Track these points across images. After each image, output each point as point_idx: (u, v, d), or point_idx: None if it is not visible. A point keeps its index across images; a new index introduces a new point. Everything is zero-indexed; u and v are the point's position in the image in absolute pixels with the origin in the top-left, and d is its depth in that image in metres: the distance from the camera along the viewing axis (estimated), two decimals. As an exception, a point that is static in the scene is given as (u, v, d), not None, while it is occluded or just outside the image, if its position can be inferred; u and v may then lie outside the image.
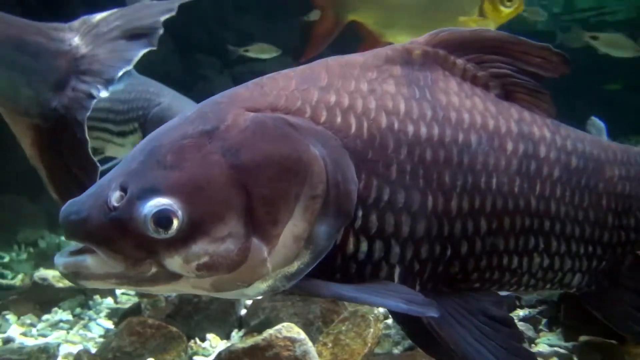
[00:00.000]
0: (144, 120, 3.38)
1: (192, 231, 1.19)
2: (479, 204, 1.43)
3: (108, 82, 2.11)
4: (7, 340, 2.85)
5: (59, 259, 1.22)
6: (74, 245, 1.25)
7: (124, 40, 2.14)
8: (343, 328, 2.10)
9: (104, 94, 2.11)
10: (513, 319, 1.44)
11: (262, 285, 1.25)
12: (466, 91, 1.49)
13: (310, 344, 1.96)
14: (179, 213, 1.18)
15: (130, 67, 2.13)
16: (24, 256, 5.34)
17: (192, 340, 2.54)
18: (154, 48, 2.19)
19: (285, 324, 2.00)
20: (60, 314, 3.20)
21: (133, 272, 1.21)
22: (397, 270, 1.35)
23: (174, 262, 1.20)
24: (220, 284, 1.24)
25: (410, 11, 3.22)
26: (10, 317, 3.16)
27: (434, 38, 1.51)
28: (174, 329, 2.47)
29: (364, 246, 1.32)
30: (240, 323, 2.62)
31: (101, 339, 2.81)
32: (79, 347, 2.66)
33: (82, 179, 2.09)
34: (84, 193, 1.27)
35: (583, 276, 1.67)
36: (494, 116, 1.49)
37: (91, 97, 2.09)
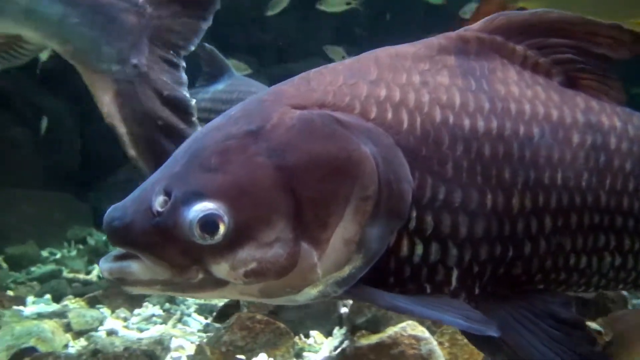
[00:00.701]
0: (212, 104, 3.39)
1: (239, 236, 1.16)
2: (543, 201, 1.34)
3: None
4: (111, 332, 3.00)
5: (104, 264, 1.19)
6: (118, 249, 1.22)
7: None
8: (459, 328, 2.21)
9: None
10: (584, 320, 1.36)
11: (313, 291, 1.22)
12: (527, 80, 1.41)
13: (435, 342, 2.09)
14: (225, 218, 1.15)
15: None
16: (74, 253, 5.49)
17: (297, 337, 2.67)
18: (209, 24, 2.34)
19: (409, 322, 2.13)
20: (151, 309, 3.34)
21: (179, 279, 1.18)
22: (454, 273, 1.29)
23: (220, 269, 1.17)
24: (269, 291, 1.21)
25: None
26: (105, 310, 3.30)
27: (491, 23, 1.43)
28: (282, 324, 2.60)
29: (419, 249, 1.26)
30: (341, 321, 2.74)
31: (201, 333, 2.95)
32: (182, 341, 2.80)
33: (166, 132, 2.22)
34: (127, 197, 1.24)
35: None
36: (557, 106, 1.40)
37: (168, 54, 2.26)
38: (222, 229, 1.15)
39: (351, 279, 1.21)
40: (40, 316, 3.15)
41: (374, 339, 2.13)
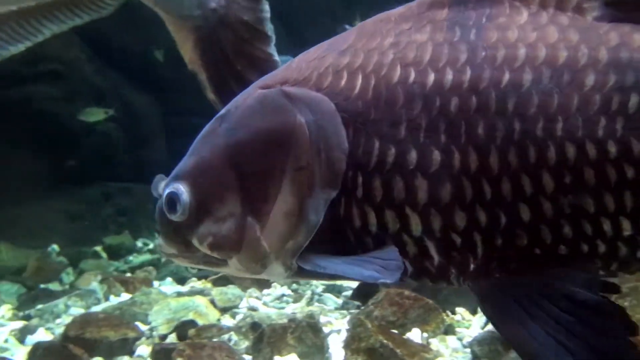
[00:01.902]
0: None
1: (199, 213, 1.25)
2: (537, 156, 1.16)
3: None
4: (251, 309, 3.12)
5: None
6: None
7: None
8: (626, 304, 2.22)
9: None
10: (614, 304, 1.13)
11: (278, 265, 1.26)
12: (539, 21, 1.24)
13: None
14: (184, 196, 1.25)
15: None
16: (164, 242, 5.67)
17: (444, 313, 2.74)
18: None
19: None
20: (280, 289, 3.45)
21: (187, 253, 1.30)
22: (429, 245, 1.19)
23: (195, 243, 1.27)
24: (244, 265, 1.27)
25: None
26: (237, 290, 3.42)
27: None
28: (430, 301, 2.67)
29: (372, 217, 1.20)
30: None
31: (343, 311, 3.04)
32: (326, 317, 2.90)
33: (247, 76, 2.21)
34: None
35: None
36: (572, 46, 1.21)
37: None
38: (181, 205, 1.25)
39: (296, 250, 1.24)
40: (180, 295, 3.29)
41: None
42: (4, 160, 5.49)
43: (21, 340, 2.97)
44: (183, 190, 1.25)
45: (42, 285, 4.33)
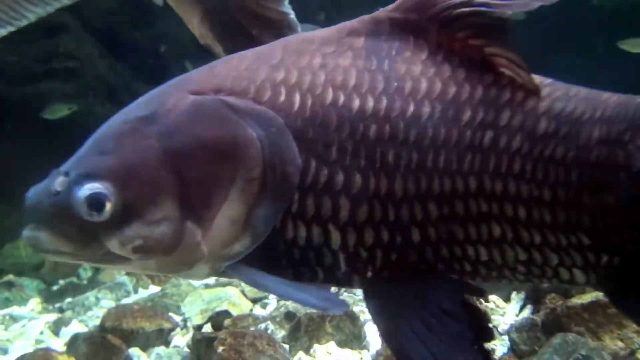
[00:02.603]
0: None
1: (126, 215, 1.23)
2: (426, 186, 1.28)
3: None
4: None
5: (24, 232, 1.28)
6: None
7: None
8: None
9: None
10: (464, 314, 1.27)
11: (205, 267, 1.28)
12: (436, 59, 1.35)
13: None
14: (112, 197, 1.22)
15: None
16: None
17: (477, 301, 2.76)
18: None
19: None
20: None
21: (82, 252, 1.26)
22: (341, 257, 1.29)
23: (113, 245, 1.24)
24: (164, 266, 1.28)
25: None
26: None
27: (404, 3, 1.38)
28: (462, 289, 2.69)
29: (302, 231, 1.28)
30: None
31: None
32: (356, 307, 2.92)
33: (265, 40, 1.95)
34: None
35: (585, 272, 1.35)
36: (459, 83, 1.33)
37: None
38: (108, 207, 1.22)
39: (237, 256, 1.27)
40: (209, 286, 3.32)
41: (587, 298, 2.19)
42: (20, 158, 5.51)
43: (55, 332, 3.00)
44: (108, 190, 1.23)
45: (60, 281, 4.36)
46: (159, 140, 1.25)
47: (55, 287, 4.12)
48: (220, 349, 2.33)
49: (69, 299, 3.44)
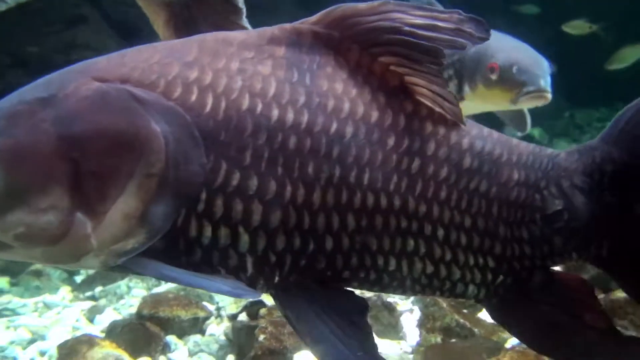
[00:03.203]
0: (459, 66, 3.05)
1: (10, 199, 1.16)
2: (347, 199, 1.32)
3: None
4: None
5: None
6: None
7: None
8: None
9: None
10: (370, 329, 1.36)
11: (94, 260, 1.22)
12: (357, 79, 1.37)
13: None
14: None
15: None
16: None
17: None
18: None
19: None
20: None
21: None
22: (249, 260, 1.28)
23: None
24: (49, 256, 1.22)
25: None
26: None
27: (327, 16, 1.38)
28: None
29: (207, 231, 1.25)
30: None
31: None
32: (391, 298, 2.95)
33: None
34: None
35: (478, 288, 1.51)
36: (380, 108, 1.37)
37: None
38: None
39: (132, 252, 1.22)
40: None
41: None
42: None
43: (90, 319, 3.04)
44: None
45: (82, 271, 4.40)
46: (54, 125, 1.18)
47: (80, 276, 4.16)
48: (261, 337, 2.37)
49: (100, 288, 3.48)
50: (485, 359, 2.25)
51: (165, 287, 3.38)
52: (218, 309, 2.96)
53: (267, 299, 2.93)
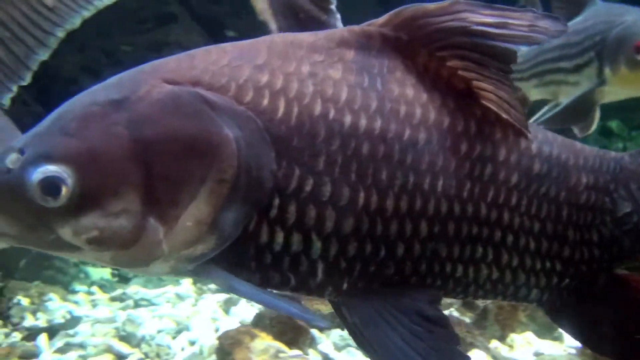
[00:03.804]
0: (601, 47, 2.90)
1: (84, 203, 1.15)
2: (420, 206, 1.31)
3: None
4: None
5: None
6: None
7: None
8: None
9: None
10: (447, 318, 1.34)
11: (164, 266, 1.21)
12: (426, 84, 1.36)
13: None
14: (69, 181, 1.13)
15: None
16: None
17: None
18: None
19: None
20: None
21: (30, 235, 1.18)
22: (319, 266, 1.26)
23: (65, 233, 1.16)
24: (119, 260, 1.21)
25: None
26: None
27: (396, 18, 1.36)
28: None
29: (279, 237, 1.24)
30: None
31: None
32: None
33: (309, 27, 2.07)
34: None
35: (541, 292, 1.51)
36: (451, 114, 1.36)
37: None
38: (64, 192, 1.14)
39: (202, 257, 1.21)
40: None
41: None
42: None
43: (226, 311, 3.08)
44: (67, 174, 1.14)
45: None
46: (128, 128, 1.17)
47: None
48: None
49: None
50: None
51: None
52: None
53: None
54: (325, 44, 1.33)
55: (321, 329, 2.71)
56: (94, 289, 3.82)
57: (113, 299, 3.57)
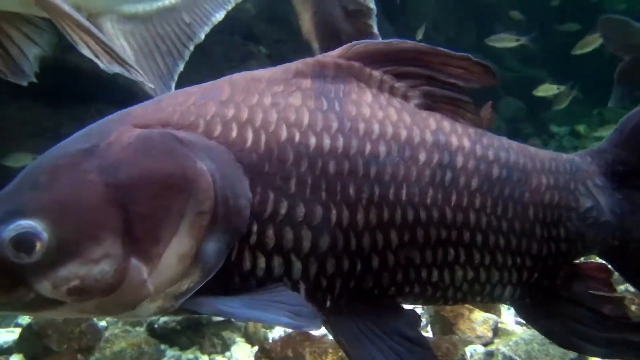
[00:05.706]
0: None
1: (61, 254, 1.14)
2: (388, 216, 1.37)
3: None
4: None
5: None
6: None
7: None
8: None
9: None
10: (427, 340, 1.40)
11: (151, 306, 1.21)
12: (381, 102, 1.44)
13: None
14: (43, 235, 1.13)
15: None
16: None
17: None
18: None
19: None
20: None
21: (7, 299, 1.15)
22: (302, 287, 1.31)
23: (44, 288, 1.14)
24: (104, 308, 1.20)
25: None
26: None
27: (348, 51, 1.45)
28: None
29: (261, 262, 1.27)
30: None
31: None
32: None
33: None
34: None
35: (514, 289, 1.60)
36: (407, 127, 1.44)
37: None
38: (39, 247, 1.13)
39: (187, 292, 1.21)
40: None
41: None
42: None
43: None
44: (41, 228, 1.13)
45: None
46: (100, 174, 1.18)
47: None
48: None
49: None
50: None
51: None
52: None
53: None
54: (282, 76, 1.41)
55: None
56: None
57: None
